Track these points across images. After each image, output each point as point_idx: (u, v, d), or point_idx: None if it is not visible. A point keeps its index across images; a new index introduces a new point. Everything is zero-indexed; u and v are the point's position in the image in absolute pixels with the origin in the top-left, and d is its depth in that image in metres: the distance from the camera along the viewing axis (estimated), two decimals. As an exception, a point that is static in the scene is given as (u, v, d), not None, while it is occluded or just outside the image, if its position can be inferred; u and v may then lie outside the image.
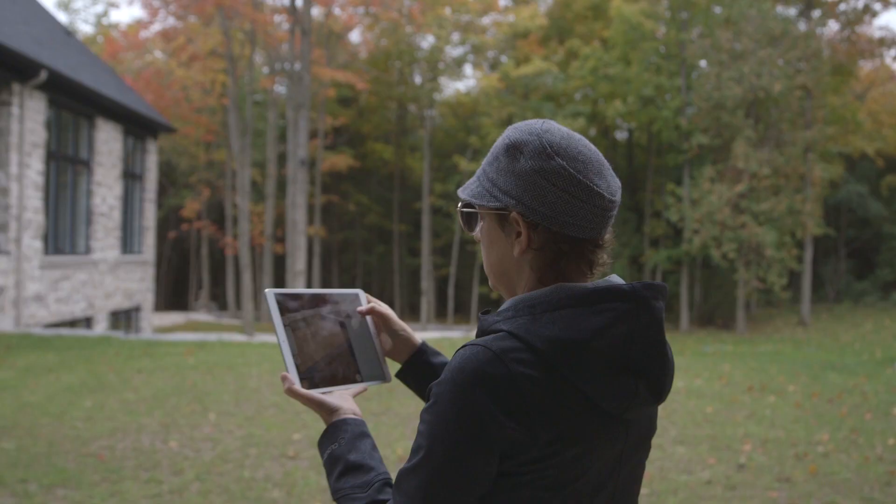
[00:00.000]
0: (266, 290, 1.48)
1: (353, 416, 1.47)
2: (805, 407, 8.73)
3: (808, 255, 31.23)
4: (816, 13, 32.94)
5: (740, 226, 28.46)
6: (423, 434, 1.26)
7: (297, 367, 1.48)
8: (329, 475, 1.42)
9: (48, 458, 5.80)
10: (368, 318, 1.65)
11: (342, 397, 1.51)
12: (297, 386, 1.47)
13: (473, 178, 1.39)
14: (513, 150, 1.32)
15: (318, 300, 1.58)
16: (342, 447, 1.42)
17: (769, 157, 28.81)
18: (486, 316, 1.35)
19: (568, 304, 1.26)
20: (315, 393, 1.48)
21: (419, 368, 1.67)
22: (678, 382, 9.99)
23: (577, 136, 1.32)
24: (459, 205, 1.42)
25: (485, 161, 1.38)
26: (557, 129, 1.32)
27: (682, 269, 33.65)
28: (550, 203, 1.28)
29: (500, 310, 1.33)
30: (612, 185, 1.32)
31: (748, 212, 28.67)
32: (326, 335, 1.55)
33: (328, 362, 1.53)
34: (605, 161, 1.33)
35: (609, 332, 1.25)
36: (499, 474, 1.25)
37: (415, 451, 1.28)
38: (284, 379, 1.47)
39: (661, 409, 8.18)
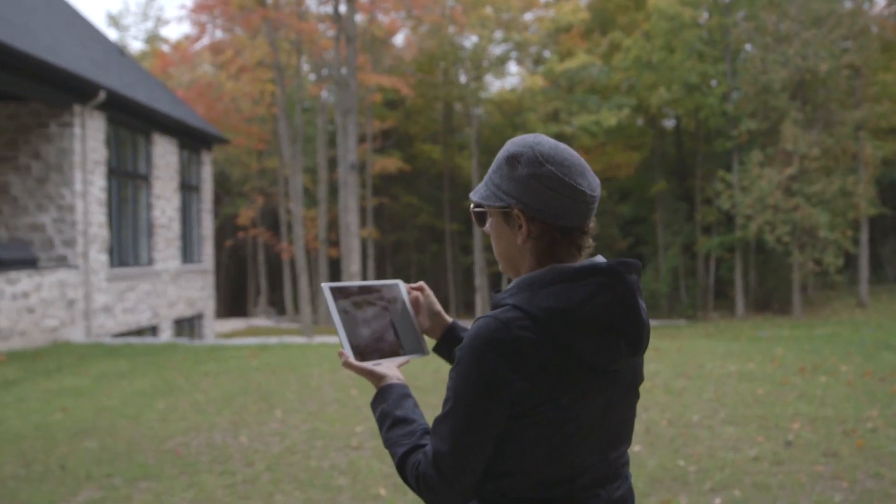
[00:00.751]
0: (322, 283, 1.87)
1: (398, 382, 1.85)
2: (856, 386, 8.80)
3: (864, 235, 30.71)
4: (863, -10, 32.47)
5: (793, 208, 28.18)
6: (450, 389, 1.65)
7: (351, 344, 1.85)
8: (381, 428, 1.79)
9: (129, 455, 6.21)
10: (407, 302, 2.01)
11: (389, 367, 1.88)
12: (352, 359, 1.84)
13: (482, 184, 1.74)
14: (512, 160, 1.68)
15: (365, 290, 1.95)
16: (390, 406, 1.79)
17: (818, 138, 28.45)
18: (497, 294, 1.70)
19: (559, 281, 1.62)
20: (367, 364, 1.85)
21: (451, 342, 2.02)
22: (729, 366, 10.11)
23: (563, 146, 1.68)
24: (472, 206, 1.78)
25: (490, 170, 1.74)
26: (547, 141, 1.68)
27: (736, 255, 33.38)
28: (544, 200, 1.64)
29: (506, 288, 1.70)
30: (593, 183, 1.67)
31: (800, 194, 28.37)
32: (373, 317, 1.92)
33: (376, 339, 1.90)
34: (587, 164, 1.69)
35: (593, 301, 1.60)
36: (510, 417, 1.60)
37: (444, 402, 1.66)
38: (341, 355, 1.84)
39: (712, 392, 8.35)
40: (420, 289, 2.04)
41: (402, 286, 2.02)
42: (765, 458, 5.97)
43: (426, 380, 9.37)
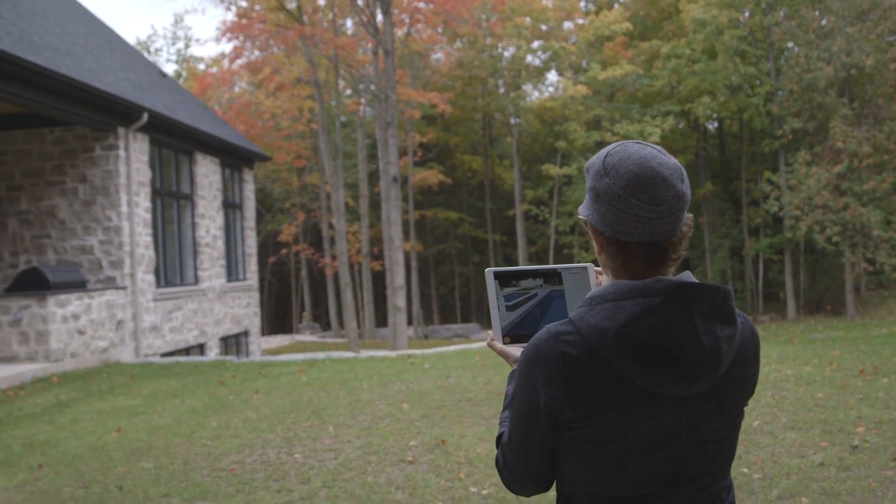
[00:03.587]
0: (486, 269, 1.92)
1: None
2: (921, 386, 8.56)
3: (919, 232, 30.11)
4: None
5: (843, 208, 27.68)
6: (509, 393, 1.75)
7: (501, 328, 1.90)
8: (503, 407, 1.80)
9: (185, 474, 6.19)
10: (567, 291, 1.97)
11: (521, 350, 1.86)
12: (494, 341, 1.91)
13: None
14: (587, 170, 1.66)
15: (527, 275, 1.96)
16: (511, 388, 1.78)
17: (868, 134, 27.93)
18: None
19: (613, 298, 1.56)
20: (503, 346, 1.91)
21: None
22: (786, 370, 9.89)
23: (639, 155, 1.58)
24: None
25: None
26: (622, 150, 1.61)
27: (785, 257, 32.88)
28: (602, 214, 1.60)
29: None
30: (663, 196, 1.56)
31: (850, 193, 27.86)
32: (526, 301, 1.94)
33: (525, 324, 1.92)
34: (662, 174, 1.57)
35: (638, 322, 1.52)
36: (558, 427, 1.61)
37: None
38: (489, 335, 1.91)
39: (770, 396, 8.15)
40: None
41: (591, 270, 1.99)
42: (831, 463, 5.80)
43: (477, 391, 9.29)
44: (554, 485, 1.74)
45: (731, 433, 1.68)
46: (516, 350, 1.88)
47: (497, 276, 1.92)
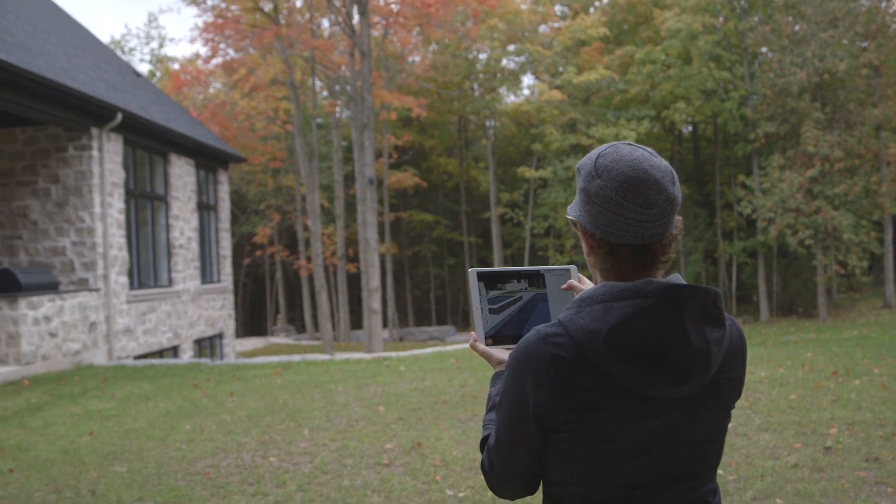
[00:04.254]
0: (469, 269, 1.90)
1: None
2: (892, 388, 8.64)
3: (889, 235, 30.42)
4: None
5: (814, 211, 27.94)
6: (497, 393, 1.74)
7: (484, 329, 1.88)
8: (486, 410, 1.81)
9: (159, 478, 6.14)
10: (550, 293, 1.97)
11: (505, 353, 1.86)
12: (477, 343, 1.88)
13: None
14: (578, 171, 1.65)
15: (511, 276, 1.95)
16: (494, 390, 1.79)
17: (840, 139, 28.23)
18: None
19: (603, 300, 1.55)
20: (486, 348, 1.87)
21: None
22: (760, 372, 9.97)
23: (631, 157, 1.58)
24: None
25: None
26: (614, 152, 1.60)
27: (758, 260, 33.14)
28: (593, 215, 1.59)
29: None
30: (654, 199, 1.55)
31: (822, 196, 28.13)
32: (510, 304, 1.93)
33: (507, 325, 1.91)
34: (654, 177, 1.56)
35: (629, 324, 1.51)
36: (546, 430, 1.59)
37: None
38: (472, 336, 1.90)
39: (744, 398, 8.20)
40: (568, 287, 1.98)
41: (574, 272, 1.99)
42: (805, 465, 5.85)
43: (453, 394, 9.28)
44: (540, 488, 1.73)
45: (719, 436, 1.68)
46: (499, 352, 1.86)
47: (481, 276, 1.91)
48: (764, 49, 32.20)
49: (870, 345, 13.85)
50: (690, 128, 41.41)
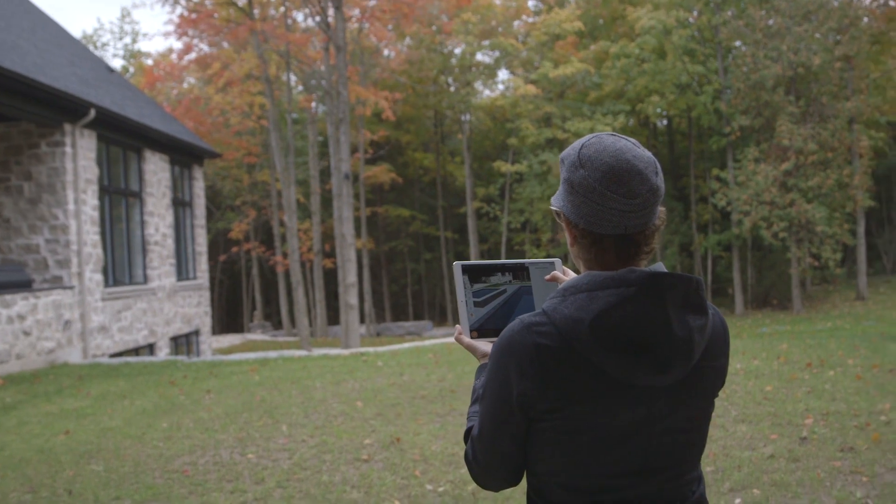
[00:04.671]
0: (454, 262, 1.90)
1: None
2: (866, 379, 8.74)
3: (861, 227, 30.77)
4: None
5: (789, 204, 28.16)
6: (481, 384, 1.74)
7: (469, 322, 1.89)
8: (471, 402, 1.81)
9: (136, 476, 6.09)
10: (535, 286, 1.97)
11: (489, 345, 1.87)
12: (462, 335, 1.89)
13: None
14: (561, 162, 1.65)
15: (496, 269, 1.96)
16: (479, 383, 1.80)
17: (813, 132, 28.46)
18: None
19: (587, 289, 1.55)
20: (472, 340, 1.89)
21: None
22: (735, 364, 10.04)
23: (615, 147, 1.58)
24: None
25: None
26: (598, 142, 1.60)
27: (733, 253, 33.39)
28: (576, 206, 1.60)
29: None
30: (637, 189, 1.56)
31: (796, 189, 28.36)
32: (494, 297, 1.93)
33: (492, 318, 1.92)
34: (637, 167, 1.57)
35: (612, 313, 1.51)
36: (530, 419, 1.60)
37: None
38: (456, 329, 1.90)
39: (720, 390, 8.25)
40: (552, 279, 1.98)
41: (558, 265, 1.99)
42: (781, 455, 5.89)
43: (431, 388, 9.28)
44: (524, 478, 1.73)
45: (702, 424, 1.69)
46: (484, 345, 1.87)
47: (465, 269, 1.91)
48: (738, 43, 32.41)
49: (843, 336, 13.99)
50: (665, 122, 41.64)
